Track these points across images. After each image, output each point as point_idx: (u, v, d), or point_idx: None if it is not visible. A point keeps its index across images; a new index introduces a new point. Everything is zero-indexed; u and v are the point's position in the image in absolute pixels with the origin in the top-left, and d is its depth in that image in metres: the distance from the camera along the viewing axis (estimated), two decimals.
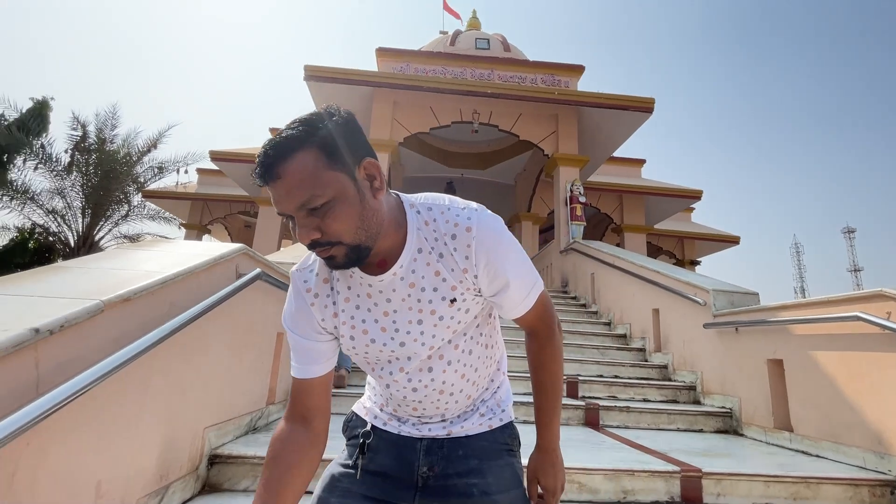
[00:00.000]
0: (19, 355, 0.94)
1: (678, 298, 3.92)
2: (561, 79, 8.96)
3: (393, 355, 0.79)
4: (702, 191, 11.18)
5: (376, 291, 0.75)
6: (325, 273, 0.78)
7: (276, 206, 0.64)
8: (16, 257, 12.81)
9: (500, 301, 0.78)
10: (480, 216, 0.74)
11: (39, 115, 13.50)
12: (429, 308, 0.75)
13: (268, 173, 0.61)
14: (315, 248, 0.65)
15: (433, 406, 0.83)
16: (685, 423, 3.17)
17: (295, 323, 0.79)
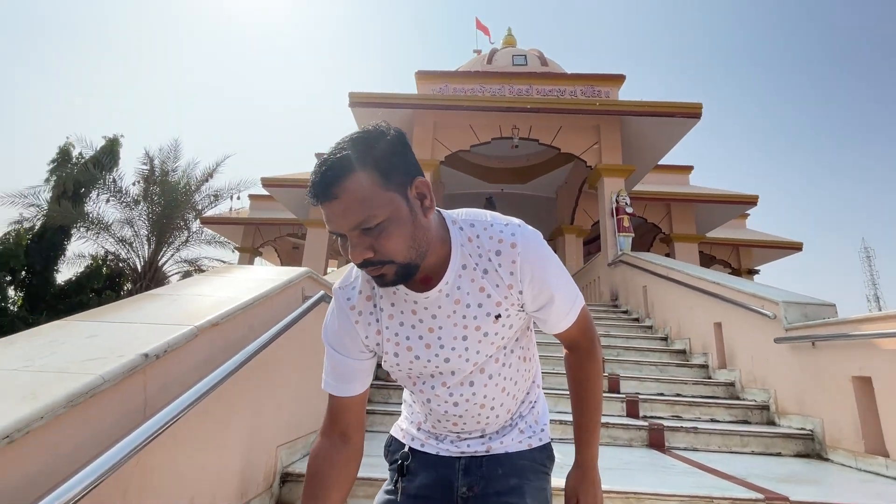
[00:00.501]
0: (132, 379, 1.03)
1: (743, 311, 3.70)
2: (601, 89, 8.85)
3: (437, 370, 0.78)
4: (757, 196, 10.60)
5: (421, 308, 0.75)
6: (367, 290, 0.78)
7: (330, 226, 0.63)
8: (91, 282, 13.94)
9: (545, 316, 0.78)
10: (524, 232, 0.74)
11: (111, 152, 14.81)
12: (473, 324, 0.75)
13: (323, 193, 0.61)
14: (366, 266, 0.65)
15: (473, 420, 0.82)
16: (760, 445, 2.96)
17: (337, 340, 0.79)
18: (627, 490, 1.91)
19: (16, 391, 0.84)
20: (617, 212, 7.27)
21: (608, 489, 1.91)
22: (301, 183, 11.26)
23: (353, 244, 0.63)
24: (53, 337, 1.12)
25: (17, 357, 0.99)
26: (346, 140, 0.64)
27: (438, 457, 0.84)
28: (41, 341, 1.08)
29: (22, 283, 12.83)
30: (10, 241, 12.22)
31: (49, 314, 12.52)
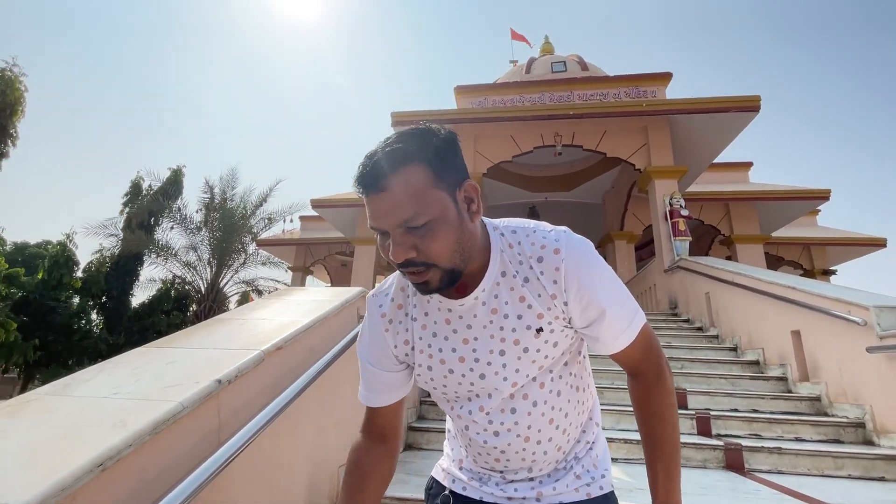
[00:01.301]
0: (207, 404, 1.06)
1: (825, 318, 3.37)
2: (647, 89, 8.54)
3: (472, 390, 0.72)
4: (829, 190, 9.75)
5: (456, 317, 0.70)
6: (400, 298, 0.75)
7: (373, 220, 0.60)
8: (161, 305, 15.02)
9: (596, 333, 0.69)
10: (569, 238, 0.68)
11: (175, 182, 16.03)
12: (512, 337, 0.68)
13: (372, 184, 0.58)
14: (408, 267, 0.61)
15: (518, 457, 0.73)
16: (858, 468, 2.65)
17: (369, 352, 0.76)
18: None
19: (106, 419, 0.89)
20: (671, 215, 6.92)
21: None
22: (347, 203, 11.62)
23: (396, 242, 0.59)
24: (136, 364, 1.18)
25: (105, 384, 1.05)
26: (399, 134, 0.61)
27: (482, 502, 0.76)
28: (125, 369, 1.15)
29: (103, 307, 14.03)
30: (93, 269, 13.43)
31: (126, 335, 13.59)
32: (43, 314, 11.54)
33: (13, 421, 0.89)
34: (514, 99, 8.81)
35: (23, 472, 0.72)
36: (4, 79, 8.97)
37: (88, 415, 0.91)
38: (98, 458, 0.77)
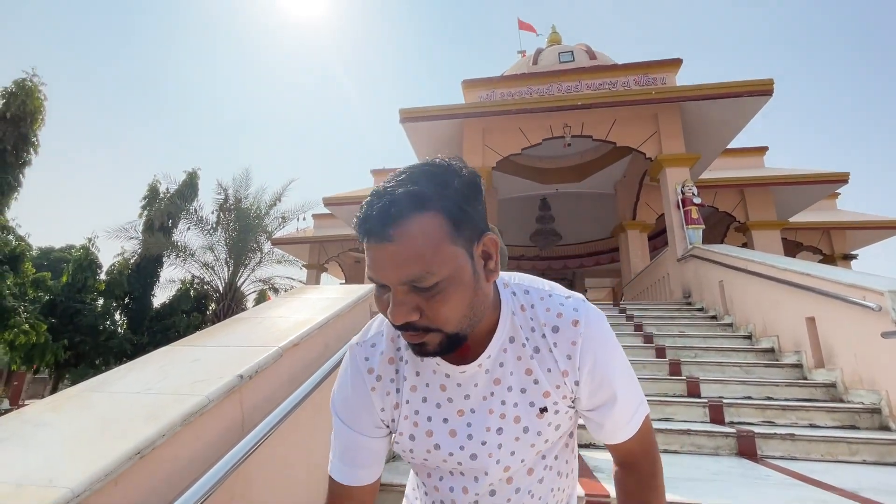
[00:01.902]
0: (231, 398, 1.14)
1: (840, 304, 3.34)
2: (656, 76, 8.43)
3: (458, 469, 0.62)
4: (848, 173, 9.52)
5: (453, 384, 0.61)
6: (391, 351, 0.63)
7: (374, 272, 0.51)
8: (181, 304, 15.40)
9: (601, 419, 0.62)
10: (588, 309, 0.61)
11: (191, 185, 16.35)
12: (513, 413, 0.60)
13: (379, 232, 0.49)
14: (406, 330, 0.53)
15: None
16: (873, 454, 2.64)
17: (349, 412, 0.63)
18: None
19: (141, 412, 0.97)
20: (683, 203, 6.85)
21: (698, 503, 1.81)
22: (359, 200, 11.72)
23: (397, 301, 0.51)
24: (164, 362, 1.26)
25: (137, 381, 1.13)
26: (414, 171, 0.52)
27: None
28: (154, 367, 1.23)
29: (126, 308, 14.46)
30: (115, 271, 13.84)
31: (148, 335, 13.99)
32: (70, 316, 11.96)
33: (58, 414, 0.97)
34: (522, 91, 8.77)
35: (71, 459, 0.80)
36: (25, 88, 9.26)
37: (124, 408, 0.99)
38: (136, 447, 0.84)
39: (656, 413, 3.20)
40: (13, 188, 9.39)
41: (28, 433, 0.90)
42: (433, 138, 8.27)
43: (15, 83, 9.18)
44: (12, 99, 8.91)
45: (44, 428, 0.92)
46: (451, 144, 8.51)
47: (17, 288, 10.10)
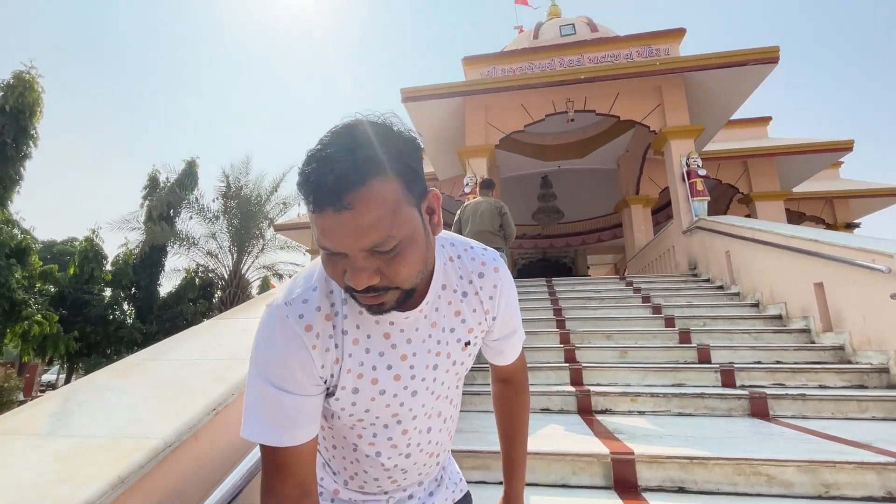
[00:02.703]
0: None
1: (848, 268, 3.40)
2: (659, 47, 8.31)
3: (398, 412, 0.66)
4: (852, 141, 9.48)
5: (397, 331, 0.63)
6: (327, 307, 0.61)
7: (330, 242, 0.50)
8: (188, 292, 15.50)
9: (503, 346, 0.76)
10: (501, 259, 0.72)
11: (190, 173, 16.26)
12: (445, 350, 0.67)
13: (333, 200, 0.47)
14: (367, 292, 0.53)
15: (416, 472, 0.72)
16: (882, 410, 2.73)
17: (285, 376, 0.58)
18: (738, 456, 1.87)
19: (207, 375, 1.02)
20: (688, 175, 6.85)
21: (716, 456, 1.89)
22: None
23: (357, 267, 0.51)
24: (213, 333, 1.31)
25: (194, 350, 1.18)
26: (356, 132, 0.50)
27: None
28: (206, 337, 1.28)
29: (133, 298, 14.57)
30: (120, 262, 13.89)
31: (157, 324, 14.13)
32: (79, 307, 12.07)
33: (126, 380, 1.03)
34: (524, 66, 8.66)
35: (155, 416, 0.86)
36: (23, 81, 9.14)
37: (189, 373, 1.05)
38: (211, 404, 0.90)
39: (669, 379, 3.29)
40: (15, 181, 9.36)
41: (105, 396, 0.95)
42: (435, 117, 8.20)
43: (13, 75, 9.06)
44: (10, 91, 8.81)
45: (117, 392, 0.97)
46: (452, 123, 8.45)
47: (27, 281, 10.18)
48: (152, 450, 0.75)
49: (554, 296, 5.68)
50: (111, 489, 0.68)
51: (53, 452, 0.77)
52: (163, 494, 0.78)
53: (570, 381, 3.35)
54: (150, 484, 0.75)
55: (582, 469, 1.95)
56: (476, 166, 7.69)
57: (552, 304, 5.27)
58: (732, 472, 1.85)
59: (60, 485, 0.68)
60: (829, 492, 1.78)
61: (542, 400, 3.06)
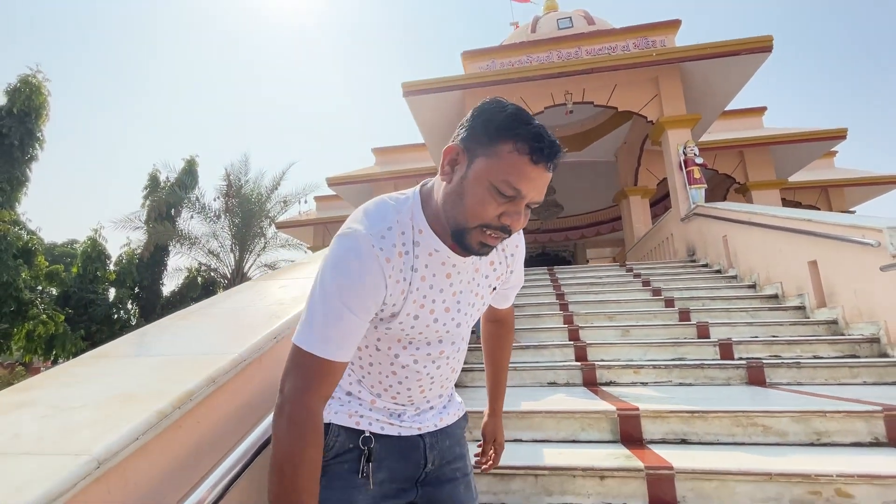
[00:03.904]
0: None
1: (840, 245, 3.53)
2: (655, 39, 8.44)
3: (441, 335, 0.80)
4: (845, 129, 9.62)
5: (455, 272, 0.76)
6: (400, 246, 0.71)
7: (526, 188, 0.64)
8: (190, 292, 15.59)
9: (508, 293, 0.95)
10: None
11: (190, 172, 16.31)
12: (481, 292, 0.83)
13: (551, 159, 0.64)
14: (509, 234, 0.68)
15: (438, 385, 0.86)
16: (872, 376, 2.87)
17: (360, 300, 0.68)
18: (736, 409, 2.00)
19: (262, 314, 1.15)
20: (686, 164, 6.99)
21: (715, 409, 2.02)
22: (363, 178, 11.79)
23: (520, 213, 0.66)
24: (253, 290, 1.44)
25: (240, 301, 1.31)
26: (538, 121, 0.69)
27: (401, 437, 0.83)
28: (248, 293, 1.41)
29: (137, 298, 14.65)
30: (124, 261, 13.96)
31: None
32: (84, 306, 12.15)
33: (187, 321, 1.15)
34: (522, 60, 8.78)
35: (226, 341, 0.98)
36: (30, 84, 9.21)
37: (244, 315, 1.18)
38: (272, 334, 1.02)
39: (670, 353, 3.42)
40: (22, 183, 9.43)
41: (175, 332, 1.08)
42: (436, 111, 8.31)
43: (20, 79, 9.12)
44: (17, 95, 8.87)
45: (185, 329, 1.10)
46: (453, 117, 8.57)
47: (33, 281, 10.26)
48: (233, 360, 0.88)
49: (556, 282, 5.81)
50: (206, 385, 0.80)
51: (147, 365, 0.89)
52: (242, 399, 0.91)
53: (574, 358, 3.48)
54: (232, 386, 0.88)
55: (590, 425, 2.08)
56: None
57: (554, 290, 5.40)
58: (731, 424, 1.99)
59: (162, 383, 0.81)
60: (820, 439, 1.92)
61: (549, 374, 3.19)
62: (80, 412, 0.72)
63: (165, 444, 0.73)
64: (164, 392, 0.76)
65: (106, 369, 0.89)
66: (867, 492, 1.51)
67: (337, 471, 0.77)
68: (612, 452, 1.85)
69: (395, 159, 12.76)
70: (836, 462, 1.65)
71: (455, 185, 0.68)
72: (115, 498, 0.63)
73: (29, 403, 0.76)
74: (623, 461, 1.70)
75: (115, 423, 0.67)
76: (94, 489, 0.60)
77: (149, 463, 0.69)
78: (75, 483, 0.56)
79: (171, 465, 0.73)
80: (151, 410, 0.70)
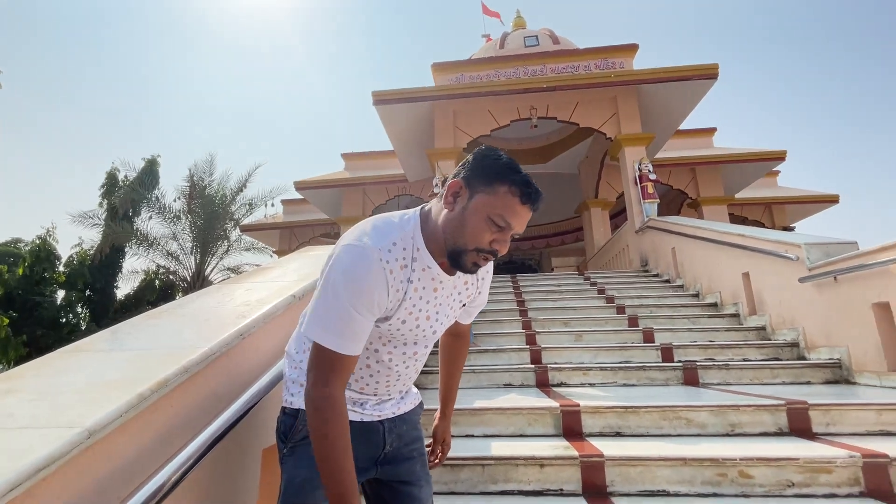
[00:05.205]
0: (291, 309, 1.43)
1: (768, 258, 3.91)
2: (615, 60, 8.93)
3: (419, 338, 0.94)
4: (785, 151, 10.44)
5: (441, 287, 0.91)
6: (401, 260, 0.84)
7: (514, 222, 0.81)
8: (147, 295, 15.00)
9: (472, 311, 1.08)
10: None
11: (151, 172, 15.75)
12: (455, 305, 0.97)
13: (534, 204, 0.81)
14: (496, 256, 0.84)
15: (407, 378, 0.99)
16: (790, 376, 3.20)
17: (367, 303, 0.81)
18: (664, 404, 2.24)
19: (230, 314, 1.25)
20: (640, 179, 7.42)
21: (646, 405, 2.25)
22: (332, 183, 11.77)
23: (505, 241, 0.83)
24: (222, 292, 1.54)
25: (208, 302, 1.41)
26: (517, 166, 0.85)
27: (363, 423, 0.94)
28: (216, 295, 1.51)
29: (88, 300, 13.98)
30: (75, 262, 13.31)
31: None
32: (29, 309, 11.50)
33: (158, 320, 1.25)
34: (490, 74, 9.08)
35: (196, 338, 1.09)
36: None
37: (212, 314, 1.28)
38: (238, 332, 1.14)
39: (618, 357, 3.67)
40: None
41: (147, 330, 1.18)
42: (405, 120, 8.47)
43: None
44: None
45: (156, 327, 1.20)
46: (422, 126, 8.75)
47: None
48: (203, 353, 0.99)
49: (518, 289, 6.05)
50: (180, 373, 0.92)
51: (122, 358, 0.99)
52: (210, 389, 1.02)
53: (530, 361, 3.68)
54: (202, 377, 0.99)
55: (536, 420, 2.27)
56: (445, 168, 8.01)
57: (516, 296, 5.63)
58: (659, 418, 2.22)
59: (139, 372, 0.91)
60: (734, 430, 2.17)
61: (505, 376, 3.37)
62: (66, 396, 0.82)
63: (143, 424, 0.84)
64: (141, 379, 0.87)
65: (83, 362, 0.98)
66: (765, 472, 1.75)
67: (306, 451, 0.88)
68: (553, 444, 2.03)
69: (364, 165, 12.80)
70: (743, 449, 1.89)
71: (457, 213, 0.83)
72: (100, 467, 0.74)
73: (15, 391, 0.85)
74: (561, 451, 1.89)
75: (101, 404, 0.77)
76: (83, 458, 0.70)
77: (129, 439, 0.80)
78: (71, 450, 0.67)
79: (148, 442, 0.84)
80: (133, 393, 0.81)
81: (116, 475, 0.76)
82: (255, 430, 1.19)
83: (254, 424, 1.16)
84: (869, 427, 2.12)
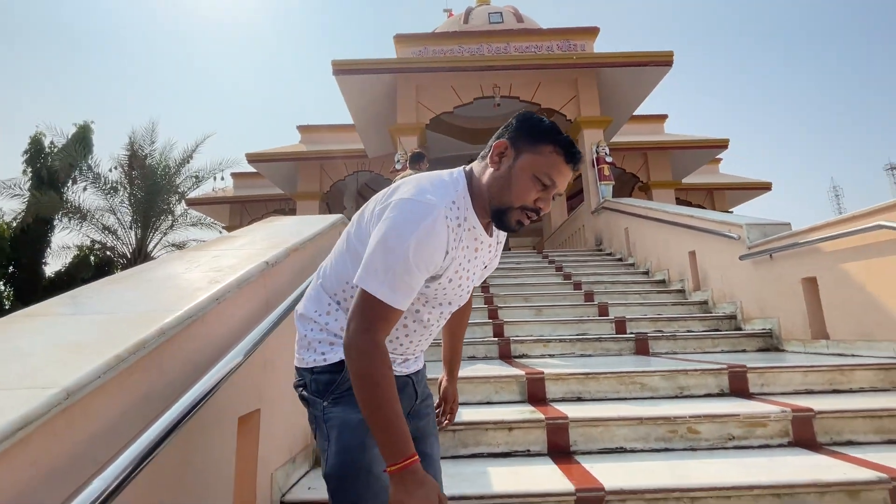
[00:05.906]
0: (260, 280, 1.39)
1: (713, 238, 4.19)
2: (577, 43, 9.05)
3: (454, 298, 0.96)
4: (728, 139, 11.11)
5: (480, 247, 0.93)
6: (455, 220, 0.85)
7: (556, 179, 0.84)
8: (81, 272, 13.92)
9: (486, 273, 1.06)
10: None
11: (83, 139, 14.42)
12: (481, 267, 0.99)
13: (577, 161, 0.85)
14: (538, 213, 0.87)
15: (426, 342, 1.02)
16: (729, 345, 3.50)
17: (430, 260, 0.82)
18: (621, 370, 2.39)
19: (201, 280, 1.20)
20: (597, 161, 7.67)
21: (605, 371, 2.39)
22: (288, 157, 11.29)
23: (548, 198, 0.85)
24: (186, 259, 1.46)
25: (176, 268, 1.34)
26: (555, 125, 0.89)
27: (399, 377, 0.96)
28: (179, 262, 1.43)
29: (11, 277, 12.79)
30: None
31: None
32: None
33: (122, 285, 1.17)
34: (454, 49, 8.95)
35: (170, 301, 1.04)
36: None
37: (182, 280, 1.22)
38: (215, 295, 1.09)
39: (575, 329, 3.85)
40: None
41: (112, 294, 1.11)
42: (367, 94, 8.22)
43: None
44: None
45: (121, 292, 1.13)
46: (384, 101, 8.53)
47: None
48: (179, 317, 0.94)
49: None
50: (157, 336, 0.87)
51: (89, 321, 0.92)
52: (186, 355, 0.98)
53: (493, 335, 3.78)
54: (178, 344, 0.95)
55: (503, 388, 2.35)
56: (407, 144, 7.89)
57: None
58: (616, 383, 2.37)
59: (111, 335, 0.86)
60: (682, 392, 2.36)
61: (469, 349, 3.45)
62: (34, 358, 0.76)
63: (122, 387, 0.79)
64: (115, 342, 0.82)
65: (43, 326, 0.90)
66: (709, 428, 1.92)
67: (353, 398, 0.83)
68: (519, 409, 2.12)
69: (320, 138, 12.35)
70: (691, 408, 2.05)
71: (503, 172, 0.85)
72: (79, 429, 0.70)
73: None
74: (528, 415, 1.97)
75: (77, 365, 0.73)
76: (60, 420, 0.66)
77: (108, 401, 0.76)
78: (48, 410, 0.62)
79: (127, 405, 0.80)
80: (109, 354, 0.76)
81: (97, 439, 0.72)
82: (230, 397, 1.16)
83: (230, 392, 1.14)
84: (796, 387, 2.37)
